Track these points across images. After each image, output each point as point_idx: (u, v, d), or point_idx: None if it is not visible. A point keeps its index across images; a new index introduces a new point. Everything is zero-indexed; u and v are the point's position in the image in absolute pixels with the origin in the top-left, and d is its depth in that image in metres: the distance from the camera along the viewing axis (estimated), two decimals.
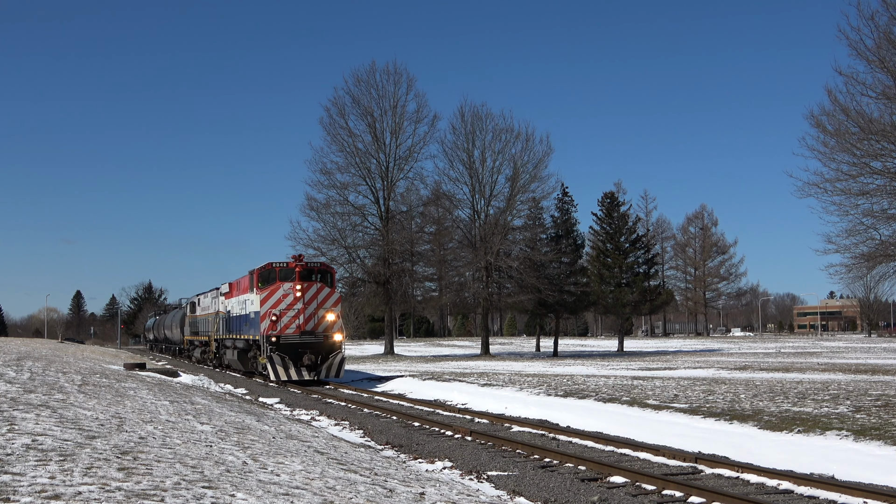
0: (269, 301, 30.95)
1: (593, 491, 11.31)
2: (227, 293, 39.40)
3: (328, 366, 31.27)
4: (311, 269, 32.52)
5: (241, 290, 35.86)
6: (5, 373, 17.68)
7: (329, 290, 31.87)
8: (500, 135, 55.82)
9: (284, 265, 32.07)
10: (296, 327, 31.02)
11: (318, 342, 31.26)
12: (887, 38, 26.44)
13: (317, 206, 55.78)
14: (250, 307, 33.15)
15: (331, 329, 31.61)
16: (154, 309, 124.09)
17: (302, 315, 31.12)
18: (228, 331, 38.75)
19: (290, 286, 31.19)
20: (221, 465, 8.93)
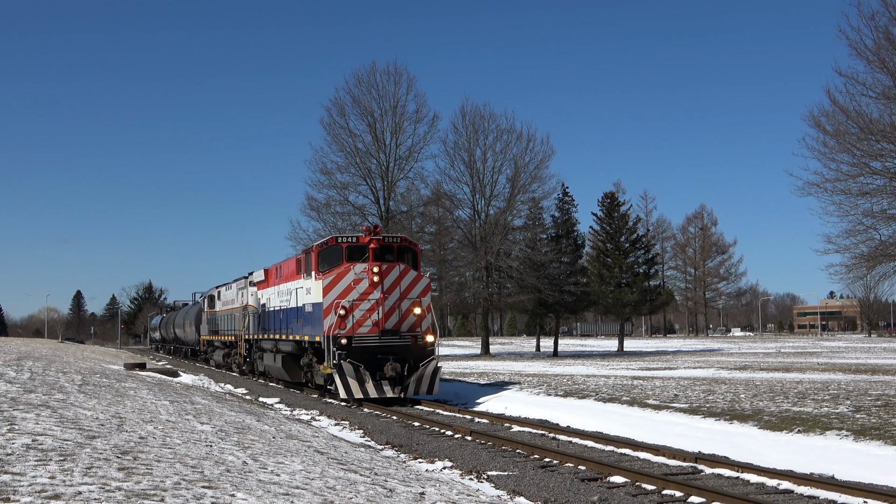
0: (335, 289, 23.18)
1: (593, 491, 11.31)
2: (260, 282, 32.70)
3: (418, 378, 23.18)
4: (389, 246, 24.33)
5: (285, 277, 28.76)
6: (5, 373, 17.68)
7: (415, 274, 24.00)
8: (502, 135, 55.84)
9: (353, 240, 24.18)
10: (372, 325, 23.24)
11: (403, 345, 23.30)
12: (887, 38, 26.43)
13: (317, 205, 55.77)
14: (304, 298, 25.59)
15: (419, 327, 23.78)
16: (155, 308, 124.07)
17: (381, 308, 23.33)
18: (264, 329, 31.82)
19: (364, 268, 23.39)
20: (221, 464, 8.93)
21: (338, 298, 23.12)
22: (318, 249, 24.29)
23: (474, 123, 55.95)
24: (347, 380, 22.71)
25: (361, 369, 22.67)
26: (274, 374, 30.75)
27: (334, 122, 56.77)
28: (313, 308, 24.18)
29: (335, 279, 23.32)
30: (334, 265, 23.88)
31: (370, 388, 22.83)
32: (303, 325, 25.51)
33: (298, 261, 26.77)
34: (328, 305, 23.14)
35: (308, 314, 24.90)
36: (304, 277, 25.30)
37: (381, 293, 23.40)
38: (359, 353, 22.77)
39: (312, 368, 25.75)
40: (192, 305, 58.76)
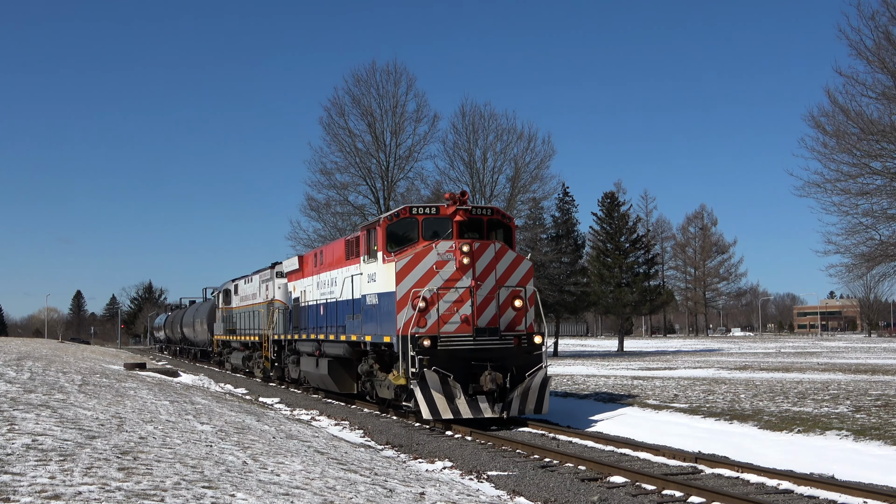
0: (411, 274, 17.88)
1: (593, 491, 11.31)
2: (293, 272, 28.33)
3: (524, 391, 17.86)
4: (478, 220, 19.17)
5: (330, 264, 24.01)
6: (5, 373, 17.68)
7: (514, 255, 18.61)
8: (503, 135, 55.80)
9: (432, 211, 18.99)
10: (461, 321, 17.94)
11: (504, 348, 17.94)
12: (887, 38, 26.43)
13: (317, 206, 55.71)
14: (363, 287, 20.30)
15: (520, 324, 18.37)
16: (155, 308, 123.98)
17: (473, 298, 17.95)
18: (298, 328, 27.28)
19: (450, 247, 18.03)
20: (221, 465, 8.93)
21: (416, 287, 17.70)
22: (387, 223, 18.90)
23: (474, 123, 55.92)
24: (432, 394, 17.27)
25: (451, 380, 17.28)
26: (314, 383, 25.55)
27: (334, 122, 56.72)
28: (379, 300, 19.01)
29: (412, 261, 17.85)
30: (407, 244, 18.73)
31: (462, 406, 17.37)
32: (361, 321, 20.18)
33: (350, 242, 22.08)
34: (403, 296, 17.73)
35: (369, 308, 19.71)
36: (365, 261, 19.98)
37: (473, 279, 17.93)
38: (446, 358, 17.43)
39: (373, 378, 20.33)
40: (202, 302, 54.68)
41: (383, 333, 18.90)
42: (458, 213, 18.50)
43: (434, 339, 17.49)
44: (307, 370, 25.58)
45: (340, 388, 22.91)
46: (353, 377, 22.48)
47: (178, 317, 62.75)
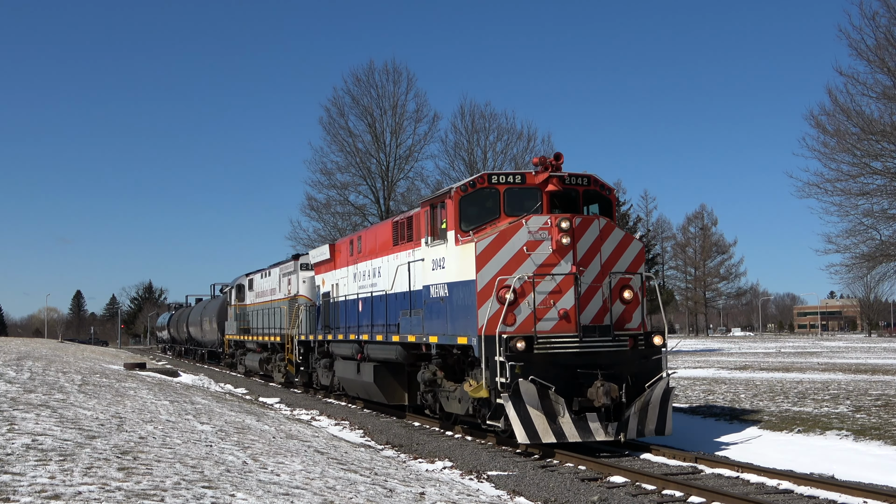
0: (496, 258, 14.50)
1: (593, 491, 11.31)
2: (322, 263, 25.26)
3: (642, 408, 14.36)
4: (572, 190, 15.68)
5: (373, 251, 20.64)
6: (5, 373, 17.68)
7: (622, 234, 15.23)
8: (503, 135, 55.77)
9: (517, 179, 15.41)
10: (560, 317, 14.48)
11: (618, 352, 14.56)
12: (888, 38, 26.45)
13: (317, 205, 55.73)
14: (424, 276, 16.83)
15: (629, 321, 15.04)
16: (155, 308, 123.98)
17: (576, 289, 14.53)
18: (330, 327, 24.05)
19: (545, 224, 14.61)
20: (221, 464, 8.93)
21: (501, 273, 14.27)
22: (461, 195, 15.31)
23: (474, 123, 55.90)
24: (528, 412, 13.60)
25: (552, 393, 13.74)
26: (352, 392, 22.25)
27: (333, 122, 56.71)
28: (449, 291, 15.58)
29: (497, 241, 14.41)
30: (485, 220, 15.25)
31: (567, 426, 13.76)
32: (423, 318, 16.74)
33: (399, 224, 18.64)
34: (486, 285, 14.28)
35: (434, 302, 16.25)
36: (429, 243, 16.51)
37: (574, 264, 14.46)
38: (543, 365, 13.92)
39: (437, 388, 16.89)
40: (211, 299, 51.83)
41: (456, 333, 15.26)
42: (551, 182, 15.09)
43: (530, 341, 13.92)
44: (345, 376, 22.19)
45: (388, 398, 19.38)
46: (403, 386, 19.09)
47: (183, 315, 60.42)
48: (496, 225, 15.13)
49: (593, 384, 13.88)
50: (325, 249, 25.22)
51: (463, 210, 15.44)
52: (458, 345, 15.37)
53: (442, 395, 16.82)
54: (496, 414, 14.38)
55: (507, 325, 14.24)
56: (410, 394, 19.03)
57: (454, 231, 15.44)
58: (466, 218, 15.43)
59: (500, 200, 15.37)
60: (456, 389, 16.08)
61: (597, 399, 13.78)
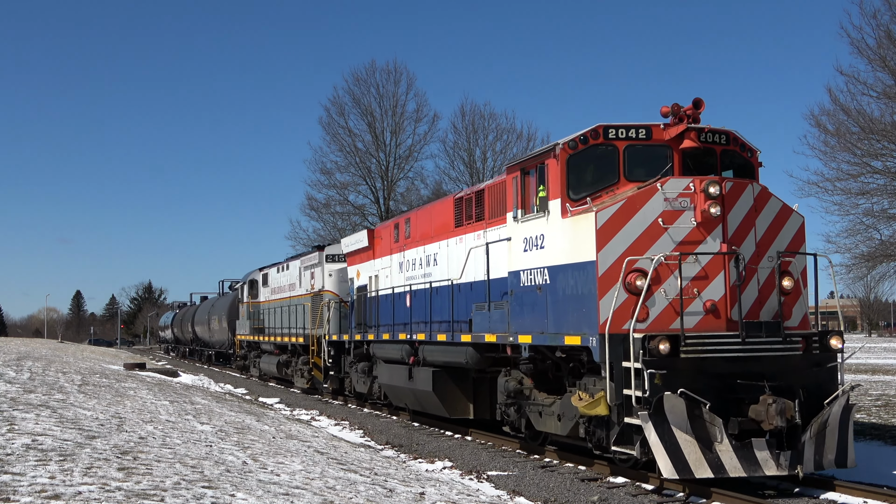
0: (622, 232, 11.49)
1: (593, 491, 11.30)
2: (356, 252, 22.43)
3: (819, 431, 11.11)
4: (709, 149, 12.50)
5: (426, 234, 17.86)
6: (5, 373, 17.68)
7: (780, 204, 12.18)
8: (502, 135, 55.77)
9: (642, 134, 12.32)
10: (708, 311, 11.45)
11: (788, 357, 11.42)
12: (889, 36, 26.44)
13: (317, 205, 55.73)
14: (511, 259, 13.69)
15: (789, 315, 11.96)
16: (154, 308, 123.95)
17: (727, 274, 11.50)
18: (367, 325, 21.24)
19: (685, 189, 11.60)
20: (221, 464, 8.93)
21: (629, 253, 11.28)
22: (569, 153, 12.12)
23: (474, 123, 55.89)
24: (676, 436, 10.49)
25: (706, 412, 10.58)
26: (400, 401, 19.27)
27: (333, 122, 56.70)
28: (551, 277, 12.42)
29: (623, 211, 11.41)
30: (601, 185, 12.17)
31: (727, 457, 10.54)
32: (508, 312, 13.65)
33: (466, 200, 15.90)
34: (610, 267, 11.29)
35: (528, 291, 13.09)
36: (519, 218, 13.33)
37: (725, 241, 11.46)
38: (691, 373, 10.82)
39: (523, 400, 13.65)
40: (219, 297, 48.80)
41: (561, 330, 12.16)
42: (688, 137, 12.02)
43: (675, 342, 10.77)
44: (390, 383, 19.08)
45: (450, 410, 16.30)
46: (468, 395, 16.21)
47: (188, 314, 57.73)
48: (614, 192, 12.00)
49: (759, 400, 10.63)
50: (361, 236, 22.04)
51: (572, 173, 12.20)
52: (564, 346, 12.05)
53: (531, 410, 13.41)
54: (624, 437, 11.10)
55: (639, 321, 11.04)
56: (476, 405, 16.18)
57: (559, 200, 12.15)
58: (577, 183, 12.19)
59: (618, 160, 12.20)
60: (554, 403, 12.75)
61: (766, 420, 10.49)
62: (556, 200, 12.32)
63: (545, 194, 12.62)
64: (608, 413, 11.16)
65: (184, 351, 62.28)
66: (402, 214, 21.29)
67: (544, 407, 13.10)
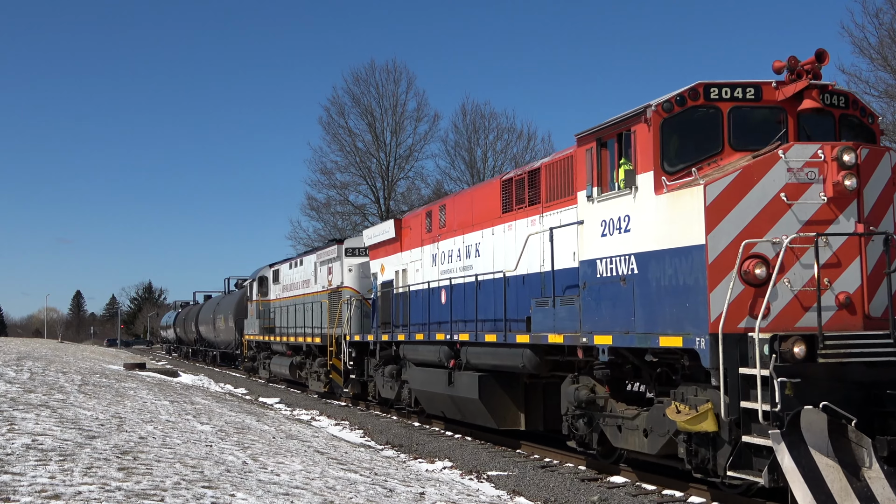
0: (736, 210, 9.50)
1: (593, 491, 11.29)
2: (380, 245, 20.75)
3: None
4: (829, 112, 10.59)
5: (466, 222, 16.18)
6: (5, 373, 17.69)
7: None
8: (503, 134, 55.80)
9: (750, 94, 10.38)
10: (841, 305, 9.47)
11: None
12: (891, 35, 26.45)
13: (317, 205, 55.79)
14: (583, 247, 11.73)
15: None
16: (154, 308, 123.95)
17: (864, 261, 9.55)
18: (395, 324, 19.45)
19: (811, 156, 9.58)
20: (221, 464, 8.93)
21: (745, 235, 9.50)
22: (664, 116, 10.32)
23: (475, 122, 55.93)
24: (816, 461, 8.69)
25: (852, 430, 8.86)
26: (437, 409, 17.44)
27: (333, 122, 56.75)
28: (642, 265, 10.52)
29: (738, 184, 9.58)
30: (702, 156, 10.34)
31: (878, 485, 8.71)
32: (580, 309, 11.67)
33: (517, 182, 14.26)
34: (721, 253, 9.48)
35: (607, 283, 11.16)
36: (595, 197, 11.36)
37: (860, 220, 9.68)
38: (828, 382, 9.24)
39: (597, 411, 11.82)
40: (225, 295, 47.41)
41: (653, 329, 10.28)
42: (808, 97, 10.29)
43: (812, 343, 8.95)
44: (424, 389, 17.35)
45: (499, 420, 14.52)
46: (519, 404, 14.45)
47: (192, 313, 56.18)
48: (717, 164, 10.22)
49: None
50: (387, 227, 20.26)
51: (667, 140, 10.36)
52: (658, 349, 10.19)
53: (608, 424, 11.57)
54: (742, 460, 9.22)
55: (762, 319, 9.13)
56: (528, 415, 14.45)
57: (651, 173, 10.30)
58: (673, 152, 10.39)
59: (722, 125, 10.38)
60: (638, 416, 10.95)
61: None
62: (646, 174, 10.41)
63: (631, 167, 10.74)
64: (717, 429, 9.41)
65: (186, 351, 61.10)
66: (434, 202, 19.51)
67: (625, 420, 11.23)
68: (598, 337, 11.15)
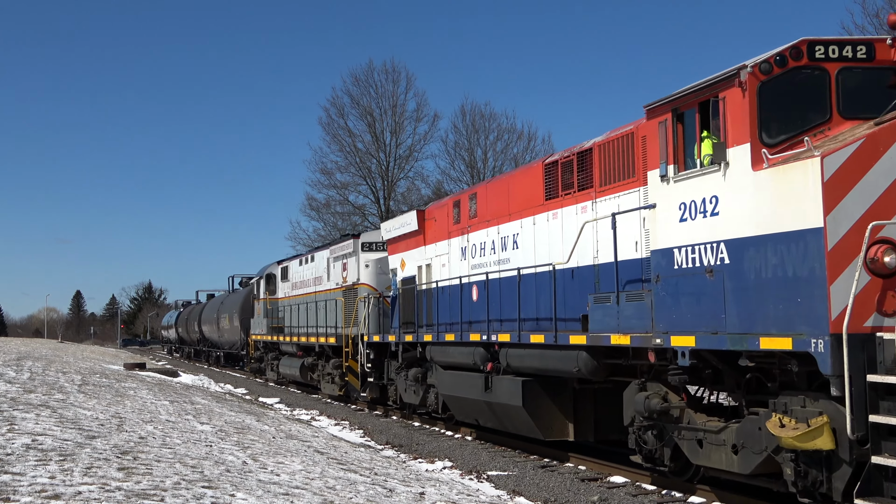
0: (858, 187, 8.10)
1: (593, 491, 11.30)
2: (401, 238, 19.46)
3: None
4: None
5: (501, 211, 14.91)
6: (5, 373, 17.70)
7: None
8: (503, 134, 55.81)
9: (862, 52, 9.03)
10: None
11: None
12: None
13: (317, 205, 55.82)
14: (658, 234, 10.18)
15: None
16: (154, 308, 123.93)
17: None
18: (414, 323, 18.31)
19: None
20: (221, 464, 8.93)
21: (870, 217, 8.07)
22: (761, 79, 8.98)
23: (474, 122, 55.94)
24: None
25: None
26: (470, 416, 15.98)
27: (333, 122, 56.77)
28: (734, 254, 9.09)
29: (861, 155, 8.19)
30: (807, 125, 9.01)
31: None
32: (654, 305, 10.19)
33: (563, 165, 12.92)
34: (843, 238, 8.08)
35: (690, 276, 9.69)
36: (670, 177, 10.00)
37: None
38: None
39: (671, 422, 10.32)
40: (229, 294, 45.86)
41: (753, 329, 8.75)
42: None
43: None
44: (456, 394, 15.98)
45: (545, 429, 13.14)
46: (567, 413, 13.14)
47: (194, 313, 54.74)
48: (826, 134, 8.91)
49: None
50: (408, 218, 18.90)
51: (766, 106, 8.98)
52: (758, 351, 8.73)
53: (685, 437, 10.10)
54: (872, 486, 7.80)
55: (889, 315, 8.04)
56: (578, 425, 13.10)
57: (747, 146, 8.89)
58: (774, 121, 9.01)
59: (829, 89, 9.02)
60: (726, 429, 9.45)
61: None
62: (740, 147, 8.99)
63: (718, 140, 9.33)
64: (834, 447, 8.04)
65: (189, 352, 60.04)
66: (463, 191, 18.08)
67: (707, 434, 9.72)
68: (677, 338, 9.66)
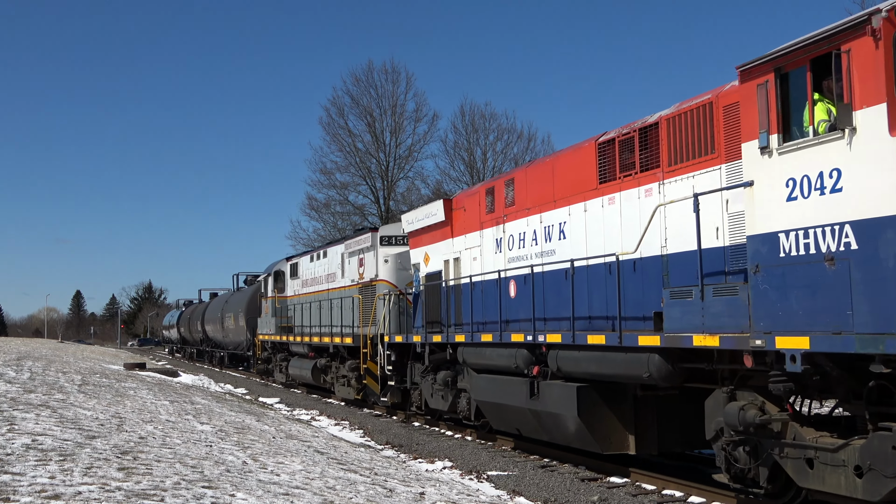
0: None
1: (593, 491, 11.30)
2: (425, 229, 17.94)
3: None
4: None
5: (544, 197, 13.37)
6: (5, 373, 17.70)
7: None
8: (503, 135, 55.84)
9: None
10: None
11: None
12: None
13: (317, 205, 55.87)
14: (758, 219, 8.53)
15: None
16: (154, 308, 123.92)
17: None
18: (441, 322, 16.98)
19: None
20: (221, 464, 8.94)
21: None
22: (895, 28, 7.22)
23: (474, 123, 55.96)
24: None
25: None
26: (510, 426, 14.37)
27: (333, 122, 56.81)
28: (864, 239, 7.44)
29: None
30: None
31: None
32: (751, 300, 8.64)
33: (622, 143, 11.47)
34: None
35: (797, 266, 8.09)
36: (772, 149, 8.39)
37: None
38: None
39: (770, 437, 8.79)
40: (234, 292, 44.49)
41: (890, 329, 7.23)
42: None
43: None
44: (495, 401, 14.41)
45: (602, 442, 11.76)
46: (628, 423, 11.78)
47: (197, 312, 53.28)
48: None
49: None
50: (434, 208, 17.36)
51: None
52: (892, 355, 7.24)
53: (789, 456, 8.55)
54: None
55: None
56: (639, 437, 11.74)
57: (884, 106, 7.29)
58: None
59: None
60: (846, 448, 7.92)
61: None
62: (872, 108, 7.39)
63: (841, 101, 7.69)
64: None
65: (191, 352, 58.64)
66: (497, 176, 16.62)
67: (820, 452, 8.18)
68: (784, 339, 8.14)
